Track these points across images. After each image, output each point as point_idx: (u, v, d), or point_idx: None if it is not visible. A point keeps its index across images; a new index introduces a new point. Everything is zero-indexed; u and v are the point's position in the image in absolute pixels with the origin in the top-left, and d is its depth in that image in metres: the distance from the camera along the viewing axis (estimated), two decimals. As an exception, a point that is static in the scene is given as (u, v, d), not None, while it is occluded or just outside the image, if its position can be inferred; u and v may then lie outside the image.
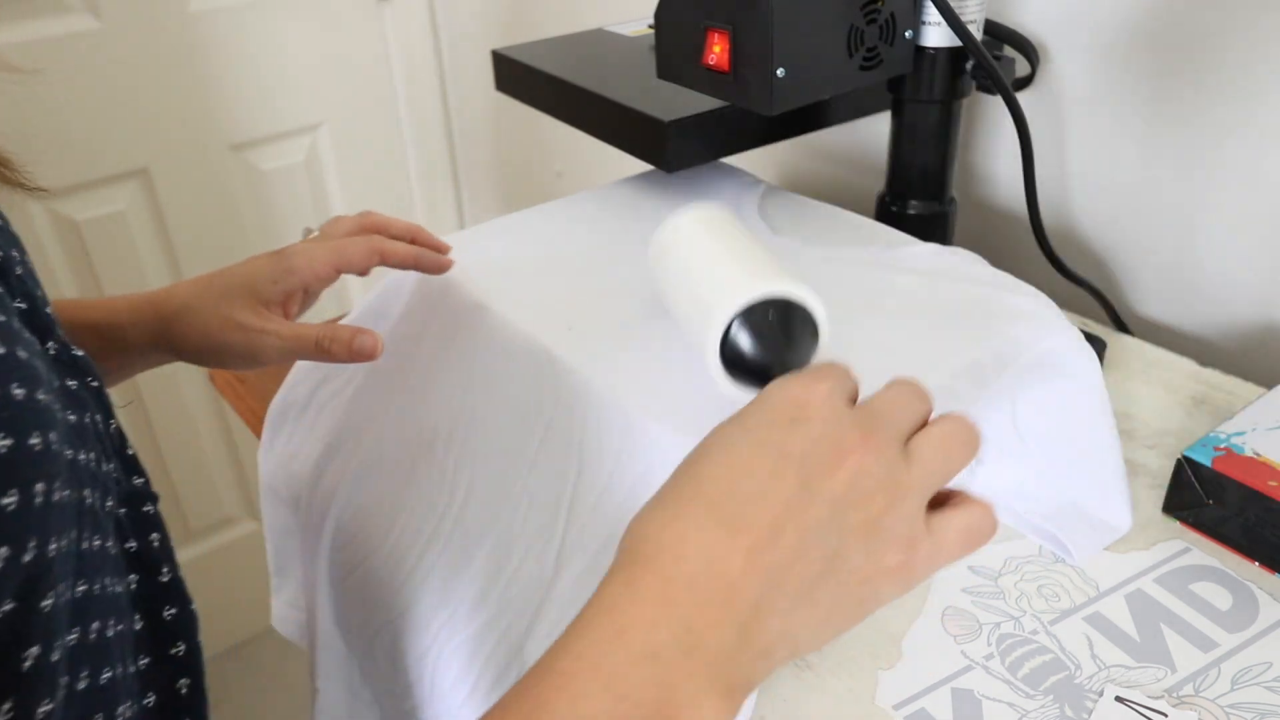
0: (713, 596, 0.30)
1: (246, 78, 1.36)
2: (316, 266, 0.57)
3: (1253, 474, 0.53)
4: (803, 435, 0.32)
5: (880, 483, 0.32)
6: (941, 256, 0.61)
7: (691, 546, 0.30)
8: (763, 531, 0.30)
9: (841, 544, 0.31)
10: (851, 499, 0.31)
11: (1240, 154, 0.69)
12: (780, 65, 0.58)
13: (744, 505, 0.31)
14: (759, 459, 0.32)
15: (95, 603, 0.39)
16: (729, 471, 0.32)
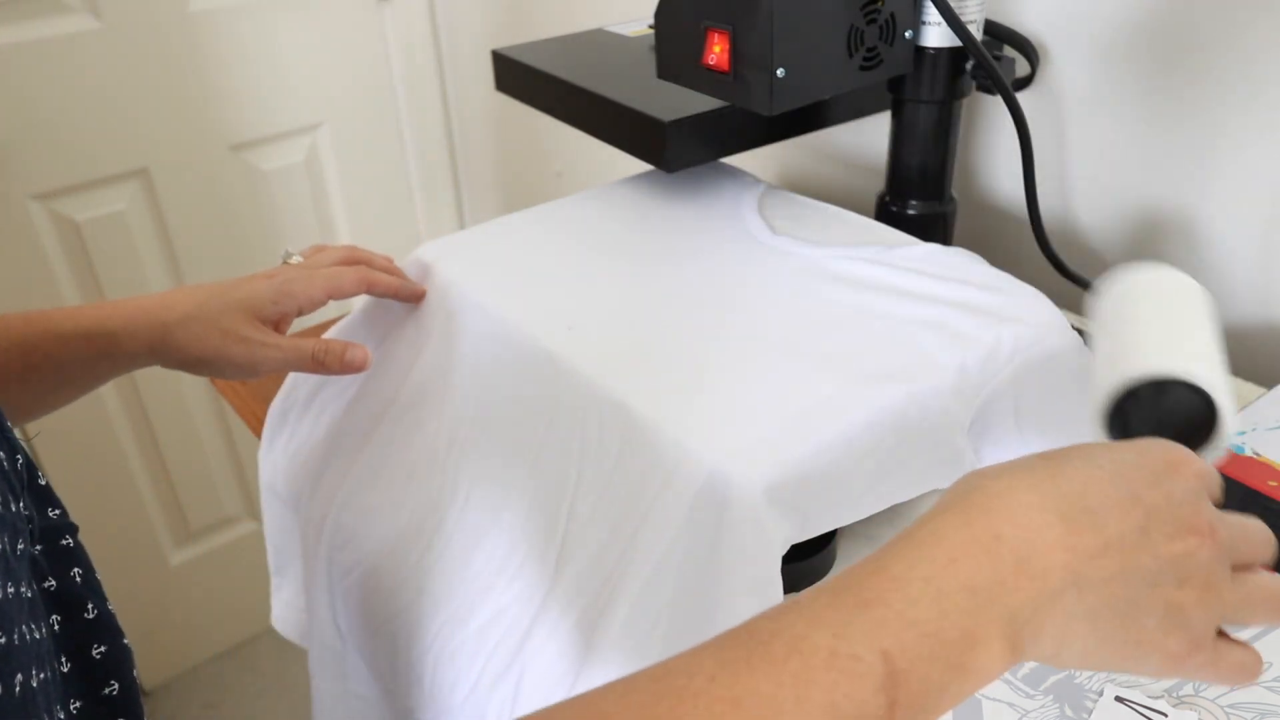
0: (1030, 570, 0.32)
1: (246, 78, 1.36)
2: (313, 292, 0.62)
3: (1253, 474, 0.53)
4: (1163, 492, 0.34)
5: (1203, 576, 0.33)
6: (941, 256, 0.61)
7: (1031, 519, 0.33)
8: (1092, 544, 0.32)
9: (1145, 600, 0.33)
10: (1175, 570, 0.33)
11: (1240, 154, 0.69)
12: (780, 65, 0.58)
13: (1086, 514, 0.33)
14: (1115, 488, 0.34)
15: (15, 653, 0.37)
16: (1084, 482, 0.34)
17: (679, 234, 0.68)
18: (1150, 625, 0.33)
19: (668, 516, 0.47)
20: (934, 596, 0.31)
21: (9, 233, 1.23)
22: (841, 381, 0.51)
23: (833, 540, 0.55)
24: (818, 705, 0.29)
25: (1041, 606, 0.32)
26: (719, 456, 0.46)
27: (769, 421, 0.48)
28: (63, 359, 0.58)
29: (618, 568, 0.48)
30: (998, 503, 0.33)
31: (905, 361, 0.52)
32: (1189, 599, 0.33)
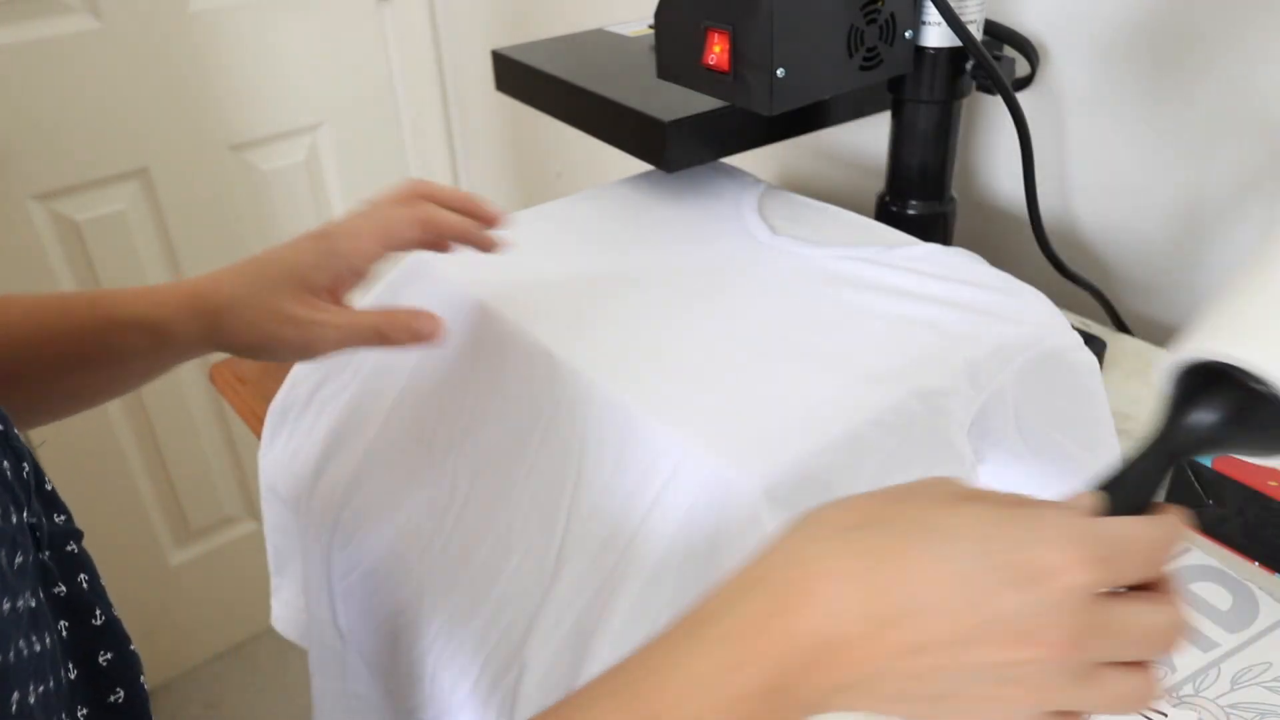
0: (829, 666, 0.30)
1: (246, 78, 1.36)
2: (362, 245, 0.54)
3: (1253, 474, 0.53)
4: (1012, 604, 0.30)
5: (1036, 682, 0.30)
6: (941, 256, 0.61)
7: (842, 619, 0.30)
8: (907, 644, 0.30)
9: (943, 699, 0.31)
10: (991, 677, 0.30)
11: (1240, 153, 0.69)
12: (780, 65, 0.58)
13: (907, 616, 0.30)
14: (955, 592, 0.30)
15: (11, 672, 0.36)
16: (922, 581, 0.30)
17: (679, 234, 0.68)
18: (961, 708, 0.31)
19: (668, 517, 0.47)
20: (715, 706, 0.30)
21: (9, 233, 1.23)
22: (841, 381, 0.51)
23: (833, 540, 0.55)
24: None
25: (832, 697, 0.31)
26: (719, 457, 0.46)
27: (769, 421, 0.48)
28: (122, 349, 0.54)
29: (618, 568, 0.48)
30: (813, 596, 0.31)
31: (905, 361, 0.52)
32: (1012, 695, 0.30)
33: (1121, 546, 0.31)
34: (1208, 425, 0.34)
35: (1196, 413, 0.34)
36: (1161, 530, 0.33)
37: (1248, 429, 0.34)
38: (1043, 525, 0.31)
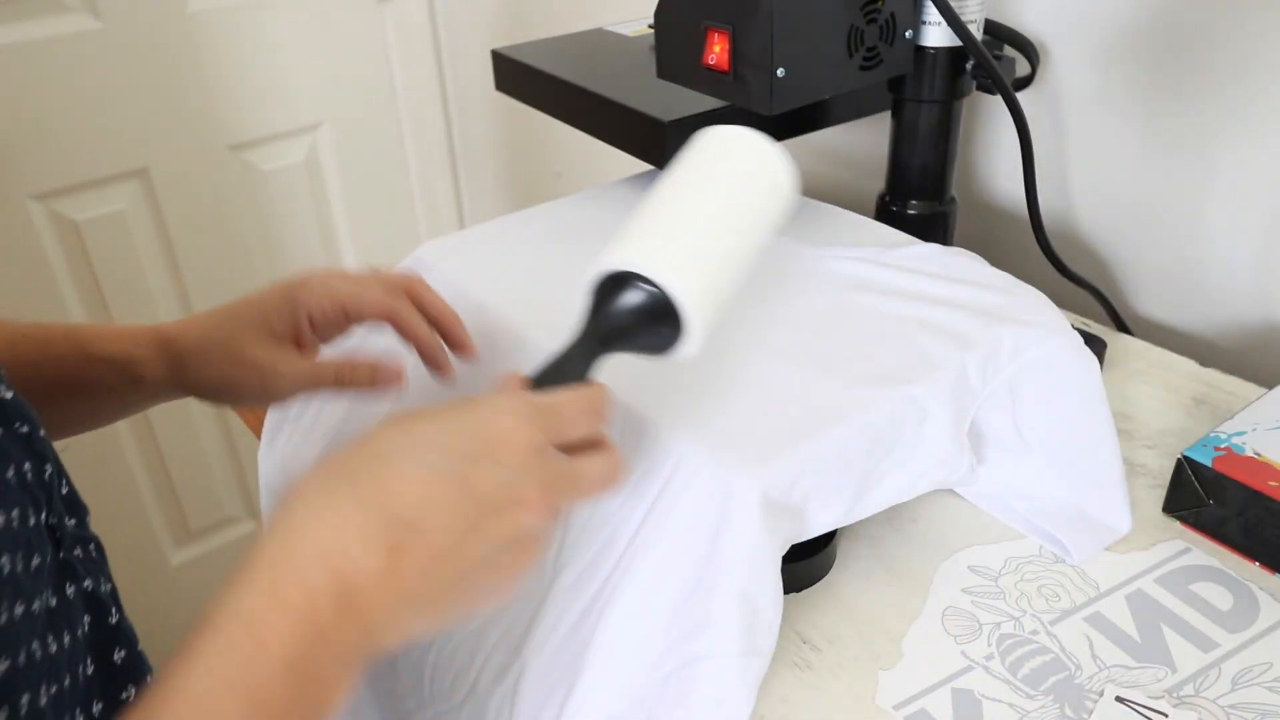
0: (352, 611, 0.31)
1: (246, 78, 1.36)
2: (325, 305, 0.55)
3: (1253, 474, 0.53)
4: (491, 477, 0.34)
5: (533, 533, 0.35)
6: (941, 256, 0.61)
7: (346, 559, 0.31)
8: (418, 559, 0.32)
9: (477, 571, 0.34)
10: (504, 543, 0.35)
11: (1240, 153, 0.69)
12: (780, 65, 0.58)
13: (412, 532, 0.32)
14: (447, 490, 0.33)
15: (21, 675, 0.36)
16: (411, 491, 0.33)
17: (679, 234, 0.68)
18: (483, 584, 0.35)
19: (667, 517, 0.47)
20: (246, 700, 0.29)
21: (9, 233, 1.23)
22: (841, 382, 0.51)
23: (833, 540, 0.55)
24: None
25: (373, 630, 0.32)
26: (718, 457, 0.46)
27: (768, 423, 0.48)
28: (97, 384, 0.55)
29: (617, 569, 0.48)
30: (312, 543, 0.32)
31: (905, 362, 0.52)
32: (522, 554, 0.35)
33: (557, 409, 0.37)
34: (619, 316, 0.42)
35: (611, 309, 0.43)
36: (587, 394, 0.39)
37: (647, 319, 0.42)
38: (485, 406, 0.36)
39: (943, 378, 0.51)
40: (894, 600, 0.53)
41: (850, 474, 0.49)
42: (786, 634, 0.52)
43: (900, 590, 0.54)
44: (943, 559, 0.56)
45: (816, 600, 0.54)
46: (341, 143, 1.49)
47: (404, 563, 0.32)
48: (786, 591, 0.49)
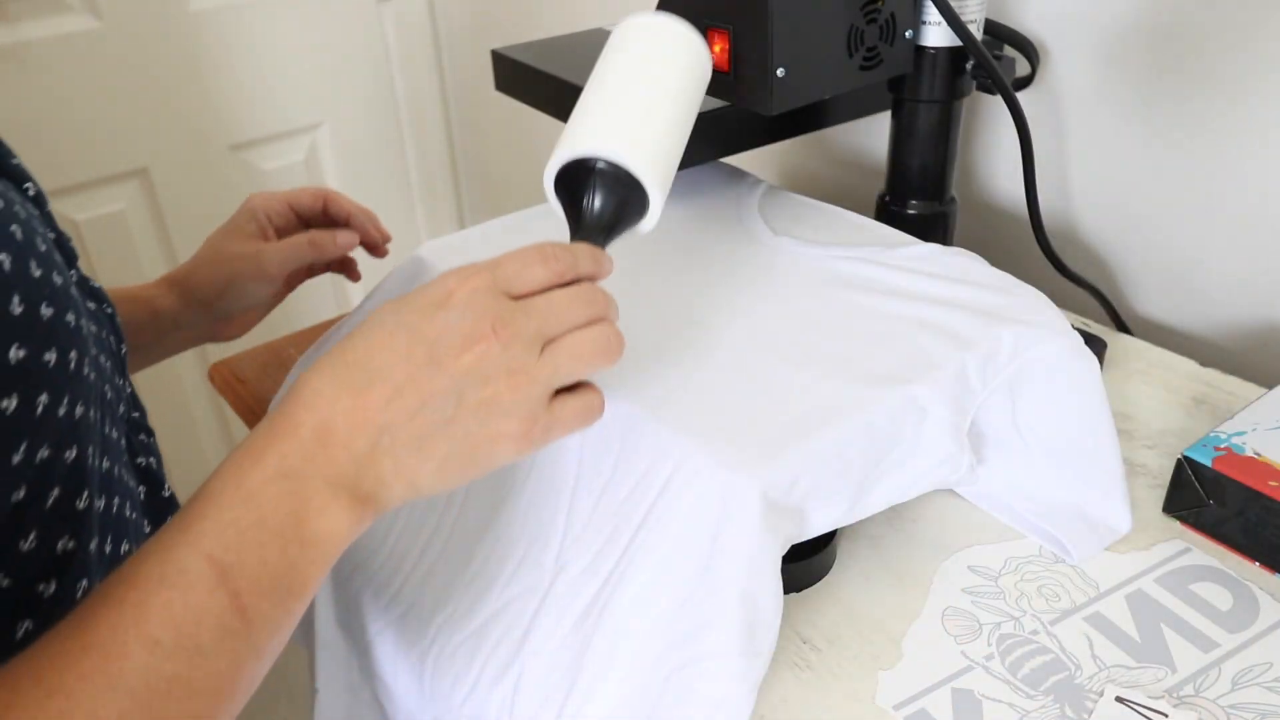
0: (334, 439, 0.36)
1: (246, 78, 1.36)
2: (271, 203, 0.69)
3: (1253, 474, 0.53)
4: (441, 321, 0.38)
5: (503, 369, 0.38)
6: (941, 256, 0.61)
7: (322, 400, 0.37)
8: (383, 395, 0.37)
9: (458, 413, 0.38)
10: (472, 379, 0.38)
11: (1240, 153, 0.69)
12: (780, 65, 0.58)
13: (372, 375, 0.37)
14: (398, 338, 0.38)
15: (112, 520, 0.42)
16: (369, 346, 0.38)
17: (679, 234, 0.68)
18: (476, 428, 0.38)
19: (667, 517, 0.47)
20: (245, 495, 0.35)
21: (9, 233, 1.23)
22: (841, 382, 0.51)
23: (833, 540, 0.55)
24: (156, 621, 0.32)
25: (362, 462, 0.37)
26: (719, 457, 0.46)
27: (769, 422, 0.48)
28: (127, 322, 0.59)
29: (617, 569, 0.48)
30: (294, 395, 0.37)
31: (905, 362, 0.52)
32: (498, 391, 0.38)
33: (503, 260, 0.40)
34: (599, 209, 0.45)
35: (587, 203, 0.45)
36: (534, 246, 0.41)
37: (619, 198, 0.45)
38: (443, 277, 0.40)
39: (943, 378, 0.51)
40: (894, 600, 0.53)
41: (850, 474, 0.49)
42: (786, 634, 0.52)
43: (900, 590, 0.54)
44: (943, 559, 0.56)
45: (816, 600, 0.54)
46: (341, 143, 1.49)
47: (370, 399, 0.37)
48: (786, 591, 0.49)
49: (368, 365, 0.37)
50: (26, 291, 0.36)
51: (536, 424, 0.39)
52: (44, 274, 0.37)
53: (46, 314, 0.36)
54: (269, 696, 1.78)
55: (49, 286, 0.37)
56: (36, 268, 0.37)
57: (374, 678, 0.58)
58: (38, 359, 0.35)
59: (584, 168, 0.46)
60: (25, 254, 0.36)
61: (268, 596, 0.34)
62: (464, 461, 0.39)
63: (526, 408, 0.39)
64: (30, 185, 0.43)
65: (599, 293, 0.42)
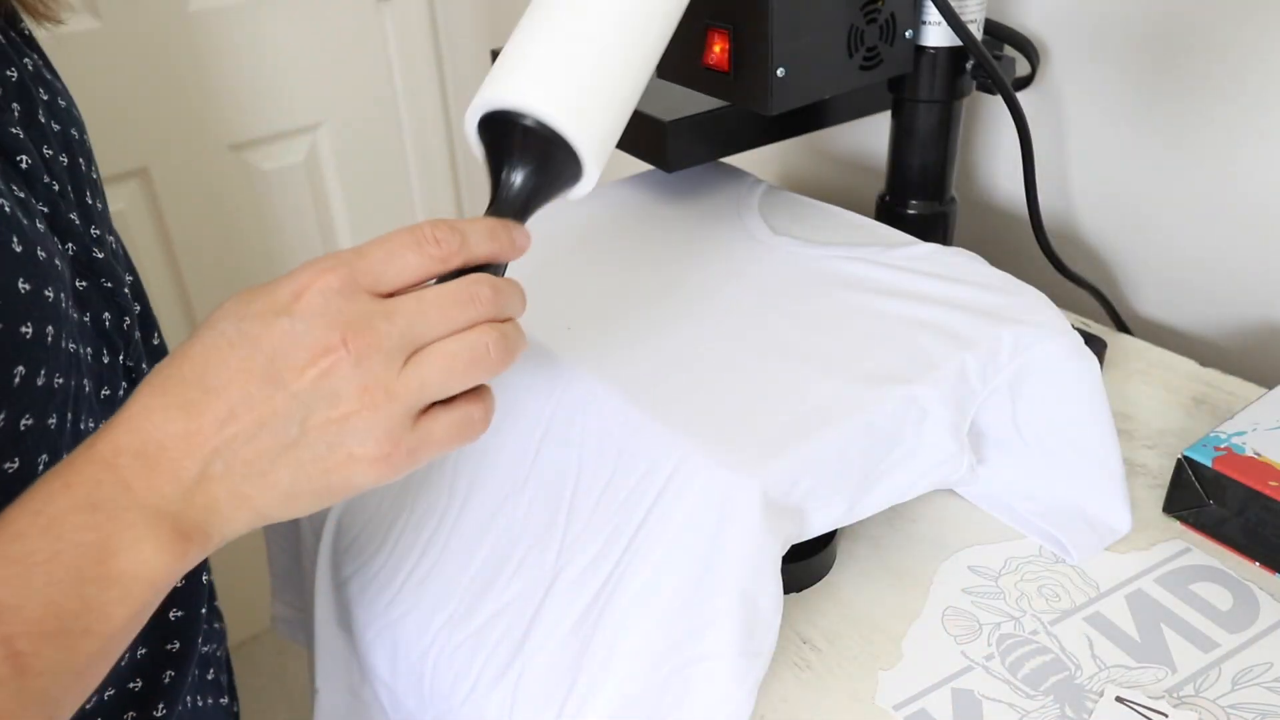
0: (159, 467, 0.32)
1: (246, 78, 1.36)
2: None
3: (1253, 474, 0.53)
4: (282, 330, 0.33)
5: (355, 386, 0.33)
6: (941, 256, 0.61)
7: (152, 419, 0.33)
8: (217, 416, 0.33)
9: (303, 436, 0.33)
10: (319, 397, 0.33)
11: (1241, 153, 0.69)
12: (780, 65, 0.58)
13: (206, 392, 0.33)
14: (235, 350, 0.33)
15: None
16: (204, 361, 0.33)
17: (678, 234, 0.68)
18: (325, 452, 0.33)
19: (667, 517, 0.47)
20: (44, 527, 0.31)
21: (9, 233, 1.23)
22: (841, 382, 0.51)
23: (833, 540, 0.55)
24: None
25: (190, 491, 0.32)
26: (719, 457, 0.46)
27: (768, 423, 0.48)
28: None
29: (617, 569, 0.48)
30: (122, 416, 0.33)
31: (905, 362, 0.52)
32: (350, 410, 0.33)
33: (366, 249, 0.35)
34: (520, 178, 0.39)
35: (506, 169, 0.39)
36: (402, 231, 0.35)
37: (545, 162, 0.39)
38: (297, 271, 0.35)
39: (943, 377, 0.51)
40: (894, 600, 0.53)
41: (850, 474, 0.49)
42: (786, 634, 0.52)
43: (900, 590, 0.54)
44: (943, 559, 0.56)
45: (816, 600, 0.54)
46: (341, 143, 1.49)
47: (203, 421, 0.33)
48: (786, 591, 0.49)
49: (201, 381, 0.33)
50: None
51: (399, 446, 0.34)
52: (24, 250, 0.36)
53: (25, 289, 0.36)
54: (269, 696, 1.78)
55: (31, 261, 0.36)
56: (17, 243, 0.36)
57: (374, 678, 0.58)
58: (13, 332, 0.35)
59: (508, 119, 0.39)
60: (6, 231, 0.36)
61: (51, 641, 0.30)
62: (314, 489, 0.34)
63: (384, 428, 0.34)
64: (24, 159, 0.41)
65: (486, 286, 0.37)
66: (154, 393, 0.33)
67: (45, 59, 0.47)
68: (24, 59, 0.45)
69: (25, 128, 0.42)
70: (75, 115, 0.48)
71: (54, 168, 0.44)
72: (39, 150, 0.43)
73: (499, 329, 0.36)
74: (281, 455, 0.33)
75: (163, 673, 0.46)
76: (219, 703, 0.54)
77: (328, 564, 0.61)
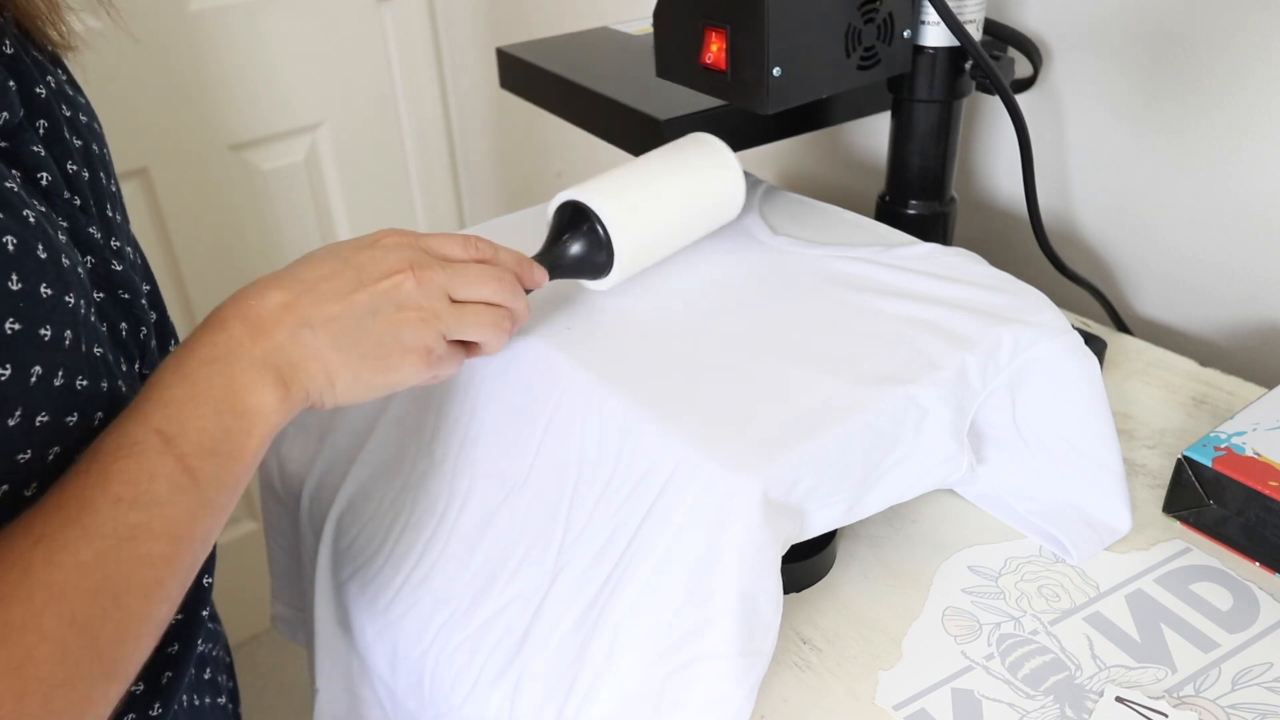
0: (261, 329, 0.42)
1: (246, 78, 1.36)
2: None
3: (1253, 474, 0.53)
4: (368, 255, 0.46)
5: (414, 302, 0.46)
6: (941, 256, 0.61)
7: (257, 301, 0.43)
8: (311, 300, 0.44)
9: (373, 324, 0.45)
10: (388, 300, 0.45)
11: (1241, 153, 0.69)
12: (777, 64, 0.58)
13: (301, 283, 0.44)
14: (330, 264, 0.45)
15: None
16: (304, 266, 0.45)
17: (679, 234, 0.68)
18: (388, 341, 0.45)
19: (667, 517, 0.47)
20: (181, 377, 0.40)
21: (9, 233, 1.23)
22: (841, 382, 0.51)
23: (833, 540, 0.55)
24: (117, 482, 0.37)
25: (285, 348, 0.42)
26: (718, 457, 0.46)
27: (767, 423, 0.48)
28: None
29: (617, 569, 0.48)
30: (232, 301, 0.43)
31: (905, 362, 0.52)
32: (409, 318, 0.46)
33: (432, 234, 0.50)
34: (567, 245, 0.55)
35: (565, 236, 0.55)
36: (463, 234, 0.51)
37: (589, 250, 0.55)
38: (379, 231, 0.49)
39: (943, 377, 0.51)
40: (894, 600, 0.53)
41: (850, 474, 0.49)
42: (786, 634, 0.52)
43: (900, 590, 0.54)
44: (943, 559, 0.56)
45: (816, 600, 0.54)
46: (341, 143, 1.49)
47: (301, 302, 0.43)
48: (786, 591, 0.50)
49: (298, 276, 0.44)
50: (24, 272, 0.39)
51: (433, 352, 0.47)
52: (49, 256, 0.40)
53: (46, 294, 0.39)
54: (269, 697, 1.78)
55: (55, 268, 0.40)
56: (42, 250, 0.39)
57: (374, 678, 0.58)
58: (33, 332, 0.38)
59: (584, 213, 0.55)
60: (32, 239, 0.39)
61: (210, 459, 0.39)
62: (375, 367, 0.45)
63: (431, 336, 0.46)
64: (44, 175, 0.45)
65: (514, 283, 0.50)
66: (259, 284, 0.44)
67: (69, 74, 0.53)
68: (47, 76, 0.49)
69: (49, 145, 0.45)
70: (97, 130, 0.54)
71: (76, 182, 0.46)
72: (62, 166, 0.46)
73: (513, 316, 0.50)
74: (355, 334, 0.44)
75: (161, 675, 0.46)
76: (216, 702, 0.56)
77: (328, 564, 0.61)
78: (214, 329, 0.42)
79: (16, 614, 0.34)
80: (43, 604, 0.34)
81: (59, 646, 0.34)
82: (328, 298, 0.44)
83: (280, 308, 0.43)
